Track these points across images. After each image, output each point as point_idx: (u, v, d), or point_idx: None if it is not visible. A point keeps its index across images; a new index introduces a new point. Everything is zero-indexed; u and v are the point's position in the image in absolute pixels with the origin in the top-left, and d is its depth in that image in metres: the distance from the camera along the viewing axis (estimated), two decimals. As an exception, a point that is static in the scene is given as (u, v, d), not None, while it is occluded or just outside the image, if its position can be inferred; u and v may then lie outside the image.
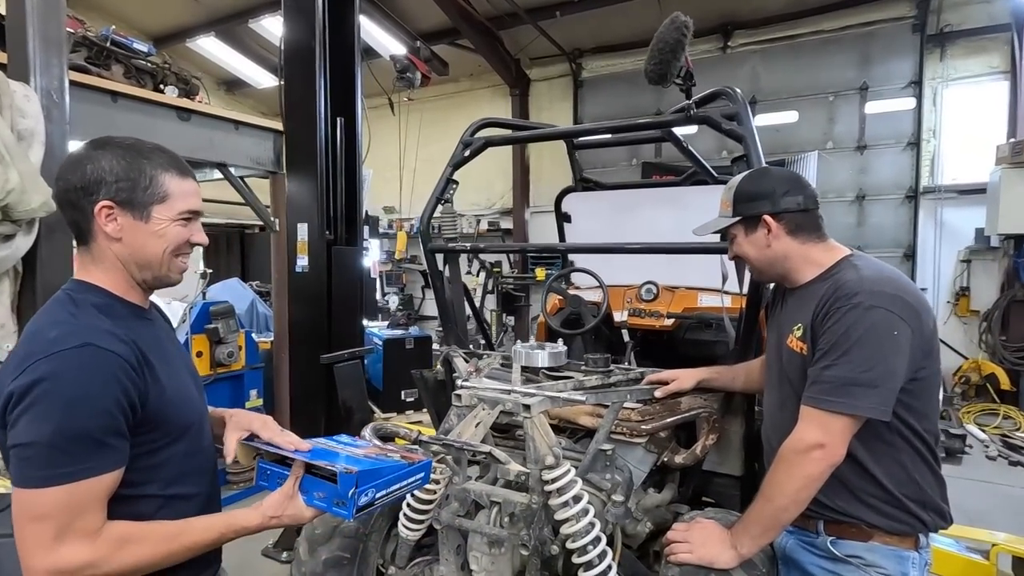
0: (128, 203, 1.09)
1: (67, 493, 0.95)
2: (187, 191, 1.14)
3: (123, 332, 1.05)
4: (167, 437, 1.10)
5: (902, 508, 1.34)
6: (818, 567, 1.42)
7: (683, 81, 1.80)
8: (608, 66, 9.04)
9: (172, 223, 1.12)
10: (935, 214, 7.32)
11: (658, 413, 1.82)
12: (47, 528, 0.95)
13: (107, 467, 0.99)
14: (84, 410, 0.96)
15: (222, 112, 4.27)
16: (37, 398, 0.95)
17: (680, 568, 1.39)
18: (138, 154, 1.11)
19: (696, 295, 3.10)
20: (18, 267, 2.51)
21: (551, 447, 1.52)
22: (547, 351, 2.10)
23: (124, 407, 1.00)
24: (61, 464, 0.95)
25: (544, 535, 1.51)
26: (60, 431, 0.94)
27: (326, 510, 1.05)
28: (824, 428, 1.28)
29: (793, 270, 1.46)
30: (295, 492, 1.08)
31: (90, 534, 0.97)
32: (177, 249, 1.14)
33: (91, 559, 0.96)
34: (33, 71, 2.49)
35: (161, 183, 1.11)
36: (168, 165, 1.13)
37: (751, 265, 1.52)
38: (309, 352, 3.21)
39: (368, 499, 1.04)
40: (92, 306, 1.08)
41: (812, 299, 1.38)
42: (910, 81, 7.37)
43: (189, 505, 1.14)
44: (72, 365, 0.97)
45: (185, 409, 1.14)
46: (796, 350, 1.41)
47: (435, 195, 2.37)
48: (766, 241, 1.44)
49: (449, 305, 2.46)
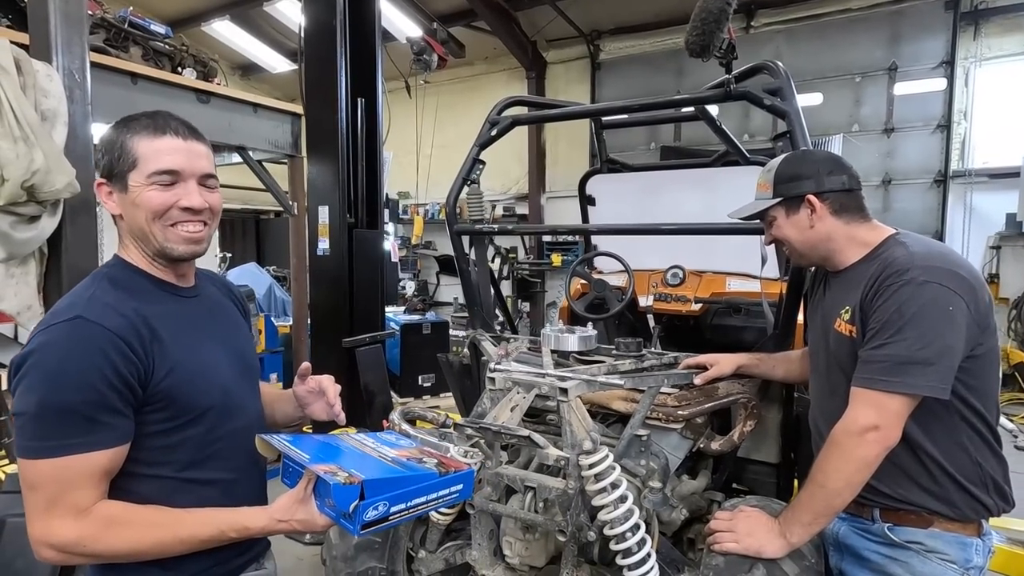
0: (112, 177, 1.05)
1: (54, 467, 0.93)
2: (158, 149, 1.03)
3: (130, 307, 1.01)
4: (180, 418, 1.04)
5: (964, 492, 1.29)
6: (875, 552, 1.37)
7: (725, 54, 1.71)
8: (627, 48, 8.86)
9: (145, 188, 1.03)
10: (964, 199, 7.12)
11: (695, 399, 1.77)
12: (40, 498, 0.94)
13: (97, 445, 0.95)
14: (67, 383, 0.93)
15: (241, 95, 4.24)
16: (28, 369, 0.95)
17: (725, 558, 1.35)
18: (121, 124, 1.06)
19: (724, 279, 3.03)
20: (44, 249, 2.50)
21: (588, 432, 1.48)
22: (577, 335, 2.06)
23: (114, 383, 0.95)
24: (47, 437, 0.93)
25: (581, 521, 1.48)
26: (44, 403, 0.93)
27: (335, 521, 0.93)
28: (879, 409, 1.23)
29: (837, 251, 1.41)
30: (307, 496, 0.97)
31: (79, 511, 0.94)
32: (161, 215, 1.03)
33: (78, 536, 0.94)
34: (55, 50, 2.47)
35: (130, 148, 1.03)
36: (142, 128, 1.04)
37: (791, 248, 1.47)
38: (330, 336, 3.20)
39: (379, 513, 0.90)
40: (107, 280, 1.05)
41: (859, 280, 1.33)
42: (941, 61, 7.13)
43: (210, 491, 1.08)
44: (59, 337, 0.95)
45: (203, 390, 1.08)
46: (845, 334, 1.35)
47: (461, 175, 2.32)
48: (809, 222, 1.39)
49: (475, 288, 2.41)
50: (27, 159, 2.23)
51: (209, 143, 1.13)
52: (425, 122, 8.38)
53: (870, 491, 1.31)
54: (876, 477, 1.27)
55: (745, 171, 2.85)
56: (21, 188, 2.22)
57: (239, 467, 1.15)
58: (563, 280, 9.60)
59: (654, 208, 3.12)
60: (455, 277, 9.99)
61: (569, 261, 8.51)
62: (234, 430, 1.13)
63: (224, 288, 1.29)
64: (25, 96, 2.31)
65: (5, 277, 2.43)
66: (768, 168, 1.47)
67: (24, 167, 2.22)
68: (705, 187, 3.04)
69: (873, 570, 1.37)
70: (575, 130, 9.21)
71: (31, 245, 2.41)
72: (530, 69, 9.33)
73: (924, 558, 1.30)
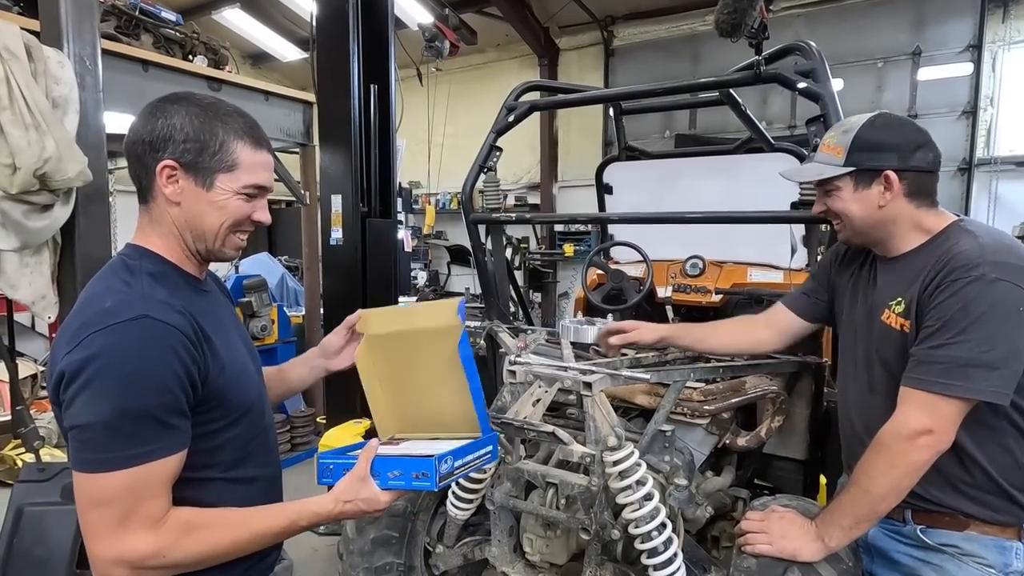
0: (192, 166, 1.00)
1: (130, 477, 0.88)
2: (258, 163, 1.04)
3: (180, 303, 0.97)
4: (228, 417, 1.03)
5: (1006, 497, 1.22)
6: (907, 555, 1.31)
7: (755, 34, 1.63)
8: (642, 33, 8.69)
9: (235, 195, 1.02)
10: (990, 187, 6.93)
11: (721, 393, 1.72)
12: (110, 514, 0.89)
13: (171, 449, 0.92)
14: (143, 387, 0.89)
15: (252, 82, 4.20)
16: (93, 375, 0.88)
17: (757, 560, 1.29)
18: (214, 115, 1.01)
19: (746, 270, 2.95)
20: (57, 238, 2.49)
21: (613, 427, 1.43)
22: (598, 327, 2.01)
23: (184, 384, 0.93)
24: (122, 447, 0.88)
25: (605, 519, 1.44)
26: (119, 410, 0.87)
27: (405, 487, 0.99)
28: (933, 412, 1.15)
29: (896, 236, 1.30)
30: (366, 474, 0.99)
31: (155, 521, 0.91)
32: (236, 224, 1.05)
33: (157, 547, 0.90)
34: (66, 37, 2.43)
35: (231, 150, 1.01)
36: (243, 132, 1.03)
37: (848, 224, 1.32)
38: (344, 326, 3.17)
39: (448, 467, 1.00)
40: (148, 274, 1.00)
41: (917, 270, 1.24)
42: (968, 45, 6.91)
43: (253, 489, 1.07)
44: (128, 338, 0.90)
45: (245, 387, 1.07)
46: (895, 327, 1.27)
47: (477, 163, 2.26)
48: (880, 200, 1.26)
49: (491, 279, 2.36)
50: (38, 147, 2.20)
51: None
52: (436, 111, 8.29)
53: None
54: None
55: (769, 158, 2.77)
56: (33, 176, 2.20)
57: (271, 462, 1.16)
58: (575, 271, 9.51)
59: (673, 197, 3.05)
60: (466, 268, 9.92)
61: (582, 251, 8.42)
62: (265, 427, 1.13)
63: (215, 280, 1.25)
64: (36, 83, 2.28)
65: (19, 267, 2.42)
66: (844, 128, 1.29)
67: (36, 155, 2.19)
68: (727, 175, 2.96)
69: (905, 574, 1.32)
70: (588, 119, 9.08)
71: (44, 234, 2.39)
72: (542, 56, 9.20)
73: (959, 562, 1.24)
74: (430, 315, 1.21)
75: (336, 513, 1.00)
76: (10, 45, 2.23)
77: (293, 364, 1.39)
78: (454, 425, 1.17)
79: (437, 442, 1.12)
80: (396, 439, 1.23)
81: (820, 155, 1.33)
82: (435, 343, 1.17)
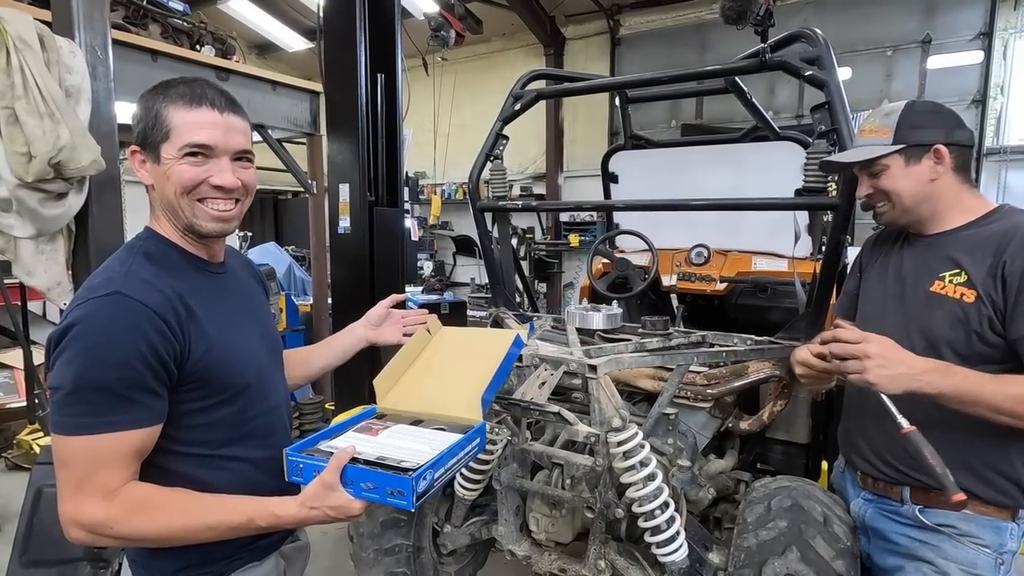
0: (145, 145, 1.02)
1: (84, 445, 0.92)
2: (192, 122, 0.99)
3: (167, 283, 0.99)
4: (217, 396, 1.03)
5: (1013, 480, 1.24)
6: (904, 536, 1.33)
7: (761, 21, 1.64)
8: (648, 22, 8.62)
9: (176, 162, 1.00)
10: (999, 177, 6.86)
11: (724, 377, 1.74)
12: (71, 476, 0.93)
13: (130, 424, 0.93)
14: (103, 360, 0.91)
15: (260, 72, 4.22)
16: (67, 343, 0.93)
17: (757, 540, 1.32)
18: (158, 91, 1.02)
19: (750, 258, 2.96)
20: (71, 226, 2.53)
21: (618, 409, 1.46)
22: (603, 313, 2.04)
23: (150, 361, 0.93)
24: (80, 414, 0.92)
25: (609, 498, 1.47)
26: (80, 379, 0.91)
27: (379, 501, 0.93)
28: None
29: (940, 213, 1.33)
30: (335, 481, 0.93)
31: (108, 492, 0.93)
32: (190, 191, 1.01)
33: (105, 517, 0.92)
34: (77, 26, 2.46)
35: (164, 117, 0.99)
36: (178, 96, 1.00)
37: (897, 203, 1.33)
38: (351, 314, 3.20)
39: (427, 483, 0.93)
40: (143, 254, 1.03)
41: (977, 244, 1.27)
42: (979, 32, 6.82)
43: (247, 468, 1.08)
44: (98, 313, 0.93)
45: (239, 368, 1.07)
46: (951, 296, 1.27)
47: (484, 151, 2.28)
48: (931, 174, 1.30)
49: (498, 266, 2.39)
50: (53, 135, 2.24)
51: (247, 116, 1.09)
52: (442, 101, 8.29)
53: (904, 466, 1.27)
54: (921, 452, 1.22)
55: (775, 147, 2.77)
56: (48, 165, 2.24)
57: (272, 444, 1.14)
58: (580, 261, 9.48)
59: (679, 185, 3.05)
60: (472, 257, 9.91)
61: (587, 241, 8.42)
62: (267, 408, 1.13)
63: (246, 264, 1.28)
64: (49, 73, 2.31)
65: (35, 254, 2.46)
66: (886, 112, 1.33)
67: (50, 143, 2.23)
68: (732, 163, 2.96)
69: (902, 554, 1.34)
70: (593, 108, 9.04)
71: (59, 222, 2.43)
72: (548, 45, 9.15)
73: (956, 542, 1.27)
74: (499, 334, 1.31)
75: (300, 518, 0.95)
76: (24, 35, 2.26)
77: (333, 339, 1.44)
78: (452, 404, 1.17)
79: (420, 430, 1.10)
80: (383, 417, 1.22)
81: (863, 139, 1.36)
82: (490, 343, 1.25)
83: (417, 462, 0.94)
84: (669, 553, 1.40)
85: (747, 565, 1.29)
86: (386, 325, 1.42)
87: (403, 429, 1.12)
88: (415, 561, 1.76)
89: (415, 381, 1.28)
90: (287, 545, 1.20)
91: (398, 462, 0.95)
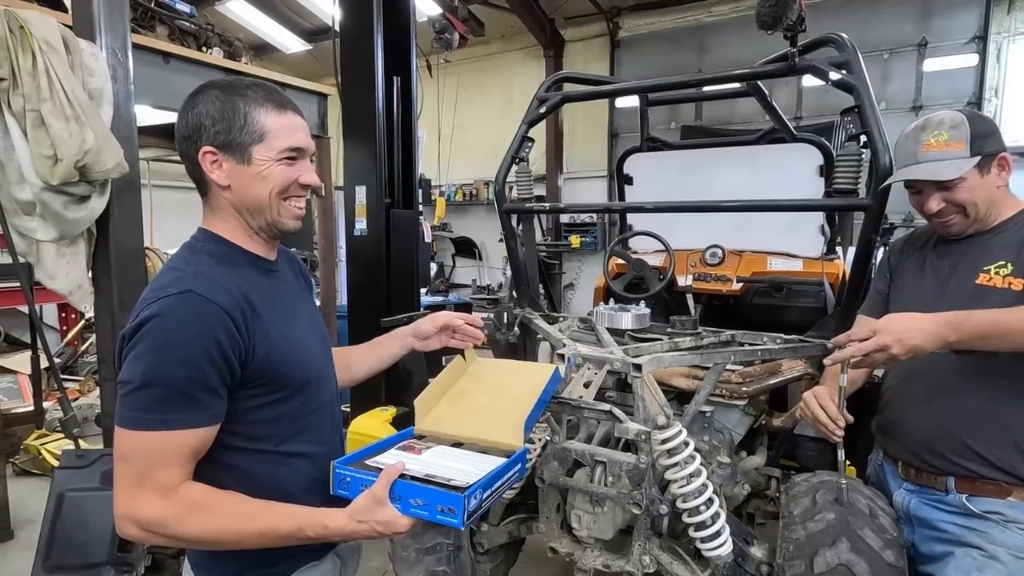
0: (227, 146, 1.03)
1: (147, 441, 0.93)
2: (286, 126, 1.05)
3: (233, 282, 1.01)
4: (280, 392, 1.05)
5: None
6: (951, 523, 1.37)
7: (793, 26, 1.68)
8: (647, 25, 8.69)
9: (274, 163, 1.04)
10: (993, 178, 6.99)
11: (759, 375, 1.78)
12: (130, 471, 0.94)
13: (192, 423, 0.94)
14: (174, 357, 0.93)
15: (269, 74, 4.22)
16: (138, 339, 0.94)
17: (806, 532, 1.35)
18: (232, 92, 1.04)
19: (765, 258, 3.00)
20: (92, 229, 2.52)
21: (662, 406, 1.49)
22: (632, 313, 2.06)
23: (217, 361, 0.95)
24: (145, 410, 0.93)
25: (653, 494, 1.50)
26: (149, 376, 0.92)
27: (429, 519, 0.92)
28: None
29: (993, 216, 1.40)
30: (384, 496, 0.94)
31: (165, 490, 0.94)
32: (284, 191, 1.07)
33: (162, 515, 0.93)
34: (98, 29, 2.45)
35: (256, 120, 1.03)
36: (264, 100, 1.04)
37: (973, 212, 1.37)
38: (368, 315, 3.21)
39: (477, 502, 0.94)
40: (207, 254, 1.05)
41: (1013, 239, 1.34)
42: (974, 36, 6.95)
43: (309, 464, 1.10)
44: (171, 310, 0.95)
45: (300, 365, 1.09)
46: (1000, 287, 1.33)
47: (510, 153, 2.30)
48: (999, 181, 1.36)
49: (523, 267, 2.41)
50: (79, 138, 2.23)
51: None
52: (443, 103, 8.29)
53: (954, 454, 1.31)
54: (970, 435, 1.26)
55: (791, 148, 2.81)
56: (74, 167, 2.23)
57: (326, 440, 1.17)
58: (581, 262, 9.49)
59: (692, 187, 3.09)
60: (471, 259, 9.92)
61: (588, 243, 8.46)
62: (322, 403, 1.16)
63: (291, 260, 1.29)
64: (73, 75, 2.30)
65: (57, 257, 2.45)
66: (952, 125, 1.34)
67: (76, 146, 2.22)
68: (748, 165, 3.00)
69: (950, 541, 1.37)
70: (592, 110, 9.09)
71: (82, 224, 2.42)
72: (548, 48, 9.19)
73: (1004, 528, 1.31)
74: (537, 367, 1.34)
75: (348, 531, 0.96)
76: (49, 38, 2.25)
77: (377, 345, 1.45)
78: (493, 430, 1.17)
79: (463, 452, 1.11)
80: (423, 438, 1.22)
81: (935, 153, 1.36)
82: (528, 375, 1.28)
83: (467, 481, 0.94)
84: (715, 548, 1.42)
85: (797, 556, 1.32)
86: (434, 339, 1.43)
87: (445, 450, 1.12)
88: (455, 560, 1.77)
89: (453, 405, 1.30)
90: (342, 544, 1.21)
91: (447, 480, 0.95)
